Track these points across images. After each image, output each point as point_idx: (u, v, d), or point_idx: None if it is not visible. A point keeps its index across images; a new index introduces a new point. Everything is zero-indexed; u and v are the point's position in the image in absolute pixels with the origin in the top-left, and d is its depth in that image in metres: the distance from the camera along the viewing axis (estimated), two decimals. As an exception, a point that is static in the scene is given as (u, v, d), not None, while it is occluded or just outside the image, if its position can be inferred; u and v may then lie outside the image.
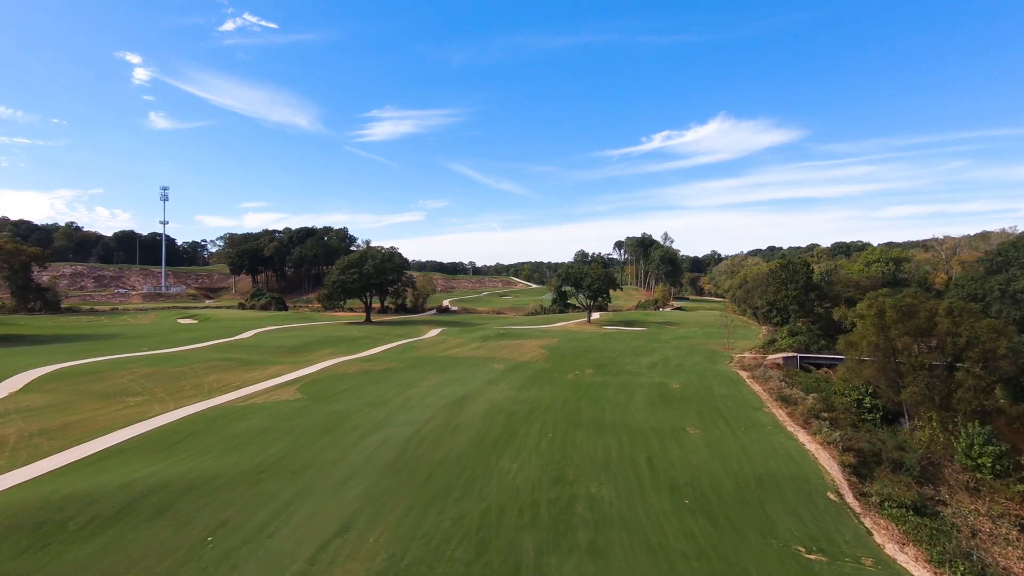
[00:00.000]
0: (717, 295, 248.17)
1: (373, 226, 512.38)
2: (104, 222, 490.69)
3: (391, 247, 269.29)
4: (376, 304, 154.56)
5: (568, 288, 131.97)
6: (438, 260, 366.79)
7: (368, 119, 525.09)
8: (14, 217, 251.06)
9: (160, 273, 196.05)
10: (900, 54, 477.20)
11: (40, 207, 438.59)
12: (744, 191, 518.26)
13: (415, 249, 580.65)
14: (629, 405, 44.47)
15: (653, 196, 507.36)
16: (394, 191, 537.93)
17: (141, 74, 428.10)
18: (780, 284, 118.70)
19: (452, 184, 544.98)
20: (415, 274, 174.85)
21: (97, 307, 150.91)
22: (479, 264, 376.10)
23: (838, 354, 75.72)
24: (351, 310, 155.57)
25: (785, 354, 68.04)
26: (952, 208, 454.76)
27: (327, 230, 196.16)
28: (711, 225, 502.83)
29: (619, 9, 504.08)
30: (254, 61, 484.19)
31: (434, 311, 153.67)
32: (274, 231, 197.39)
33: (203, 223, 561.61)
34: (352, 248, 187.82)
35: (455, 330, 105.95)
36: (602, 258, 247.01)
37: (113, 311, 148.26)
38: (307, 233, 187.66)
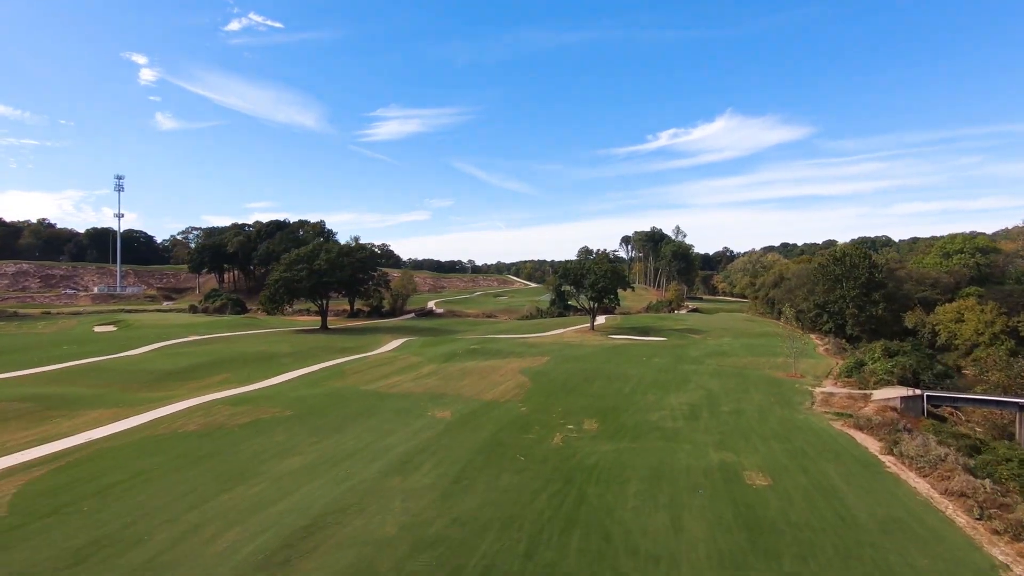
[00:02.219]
0: (733, 295, 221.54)
1: (379, 225, 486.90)
2: (110, 222, 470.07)
3: (382, 244, 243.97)
4: (346, 307, 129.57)
5: (568, 287, 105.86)
6: (437, 259, 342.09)
7: (374, 118, 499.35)
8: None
9: (119, 273, 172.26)
10: (909, 49, 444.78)
11: (48, 208, 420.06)
12: (752, 189, 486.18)
13: (421, 248, 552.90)
14: (677, 558, 18.62)
15: (659, 194, 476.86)
16: (400, 190, 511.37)
17: (147, 75, 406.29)
18: (833, 282, 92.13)
19: (457, 183, 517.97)
20: (394, 272, 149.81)
21: (25, 310, 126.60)
22: (481, 263, 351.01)
23: (963, 391, 49.44)
24: (318, 313, 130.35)
25: (901, 392, 41.67)
26: (964, 205, 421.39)
27: (302, 223, 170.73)
28: (718, 223, 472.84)
29: (625, 5, 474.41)
30: (260, 61, 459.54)
31: (412, 315, 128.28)
32: (243, 224, 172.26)
33: (209, 223, 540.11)
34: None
35: (420, 341, 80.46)
36: (608, 255, 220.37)
37: (44, 315, 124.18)
38: (277, 226, 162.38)
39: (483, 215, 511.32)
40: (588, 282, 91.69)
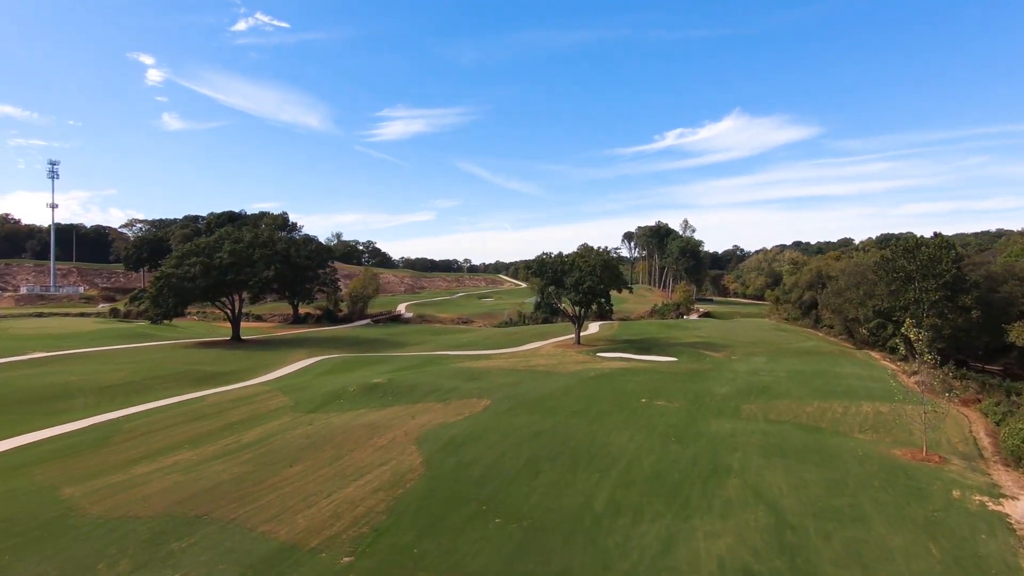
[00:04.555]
0: (747, 296, 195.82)
1: (385, 226, 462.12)
2: (117, 223, 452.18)
3: (368, 241, 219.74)
4: (289, 310, 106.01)
5: (551, 288, 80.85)
6: (432, 258, 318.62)
7: (379, 118, 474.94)
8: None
9: (63, 271, 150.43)
10: (916, 49, 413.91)
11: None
12: (759, 188, 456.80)
13: (426, 249, 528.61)
14: None
15: (666, 194, 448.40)
16: (405, 191, 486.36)
17: (154, 75, 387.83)
18: (903, 281, 66.58)
19: (463, 183, 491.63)
20: (356, 268, 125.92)
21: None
22: (479, 262, 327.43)
23: None
24: (259, 318, 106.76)
25: None
26: (971, 205, 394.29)
27: (262, 215, 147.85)
28: (725, 223, 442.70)
29: (631, 4, 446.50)
30: (265, 61, 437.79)
31: (369, 321, 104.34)
32: (196, 216, 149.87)
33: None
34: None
35: (333, 364, 56.40)
36: (608, 252, 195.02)
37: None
38: (229, 218, 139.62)
39: (489, 216, 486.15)
40: (570, 281, 67.02)
